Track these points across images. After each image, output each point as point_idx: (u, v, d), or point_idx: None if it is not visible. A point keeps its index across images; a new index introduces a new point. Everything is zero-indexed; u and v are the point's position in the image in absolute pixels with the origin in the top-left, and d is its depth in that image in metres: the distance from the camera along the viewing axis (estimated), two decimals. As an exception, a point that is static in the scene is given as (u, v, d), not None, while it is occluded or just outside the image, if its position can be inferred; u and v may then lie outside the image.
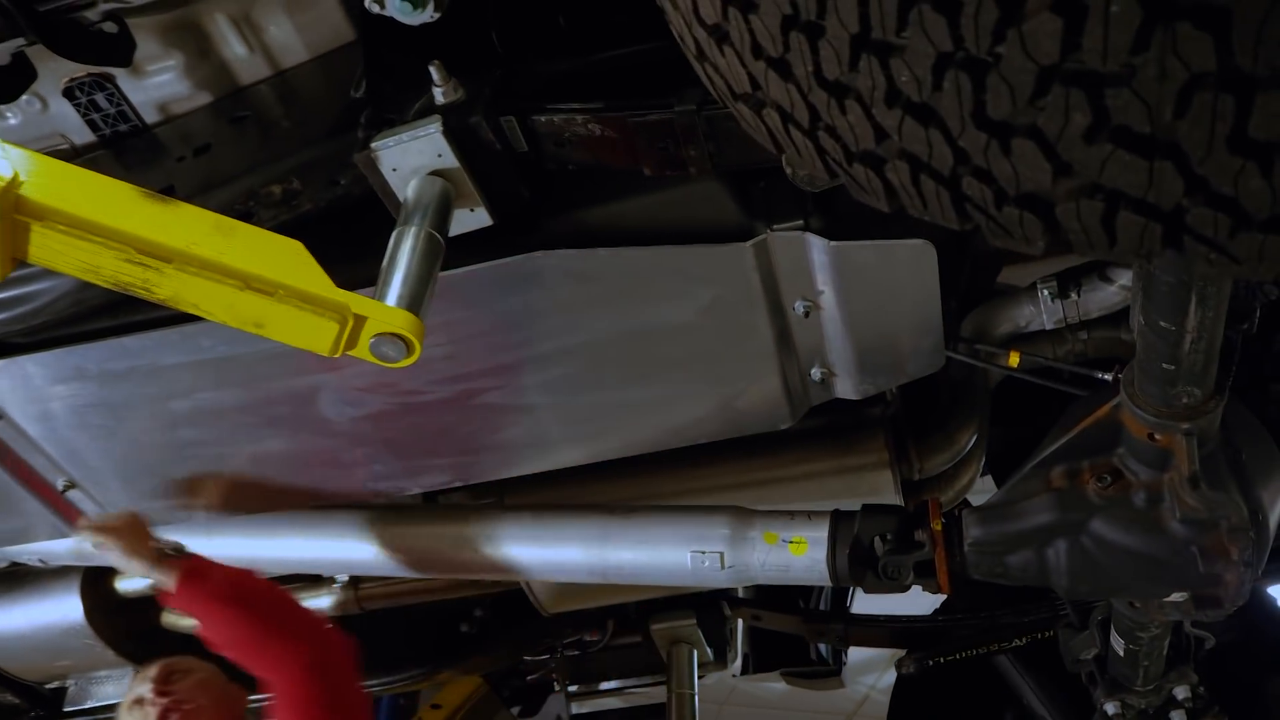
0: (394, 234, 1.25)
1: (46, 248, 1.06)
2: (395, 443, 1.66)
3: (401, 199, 1.33)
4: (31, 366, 1.59)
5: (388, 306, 1.14)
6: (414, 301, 1.16)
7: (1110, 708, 1.95)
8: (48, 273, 1.47)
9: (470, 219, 1.37)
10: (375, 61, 1.47)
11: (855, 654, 5.18)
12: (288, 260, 1.12)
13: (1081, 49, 0.60)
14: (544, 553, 1.73)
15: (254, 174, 1.45)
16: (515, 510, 1.79)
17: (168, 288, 1.08)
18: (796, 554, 1.61)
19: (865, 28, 0.67)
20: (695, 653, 2.19)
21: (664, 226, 1.45)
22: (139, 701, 1.96)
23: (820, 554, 1.60)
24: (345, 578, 2.21)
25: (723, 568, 1.64)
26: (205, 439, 1.67)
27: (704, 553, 1.64)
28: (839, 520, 1.62)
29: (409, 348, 1.14)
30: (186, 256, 1.07)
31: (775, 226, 1.42)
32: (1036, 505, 1.50)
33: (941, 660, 2.17)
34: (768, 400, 1.61)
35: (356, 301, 1.12)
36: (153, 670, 1.98)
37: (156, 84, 1.56)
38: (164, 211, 1.10)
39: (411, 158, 1.31)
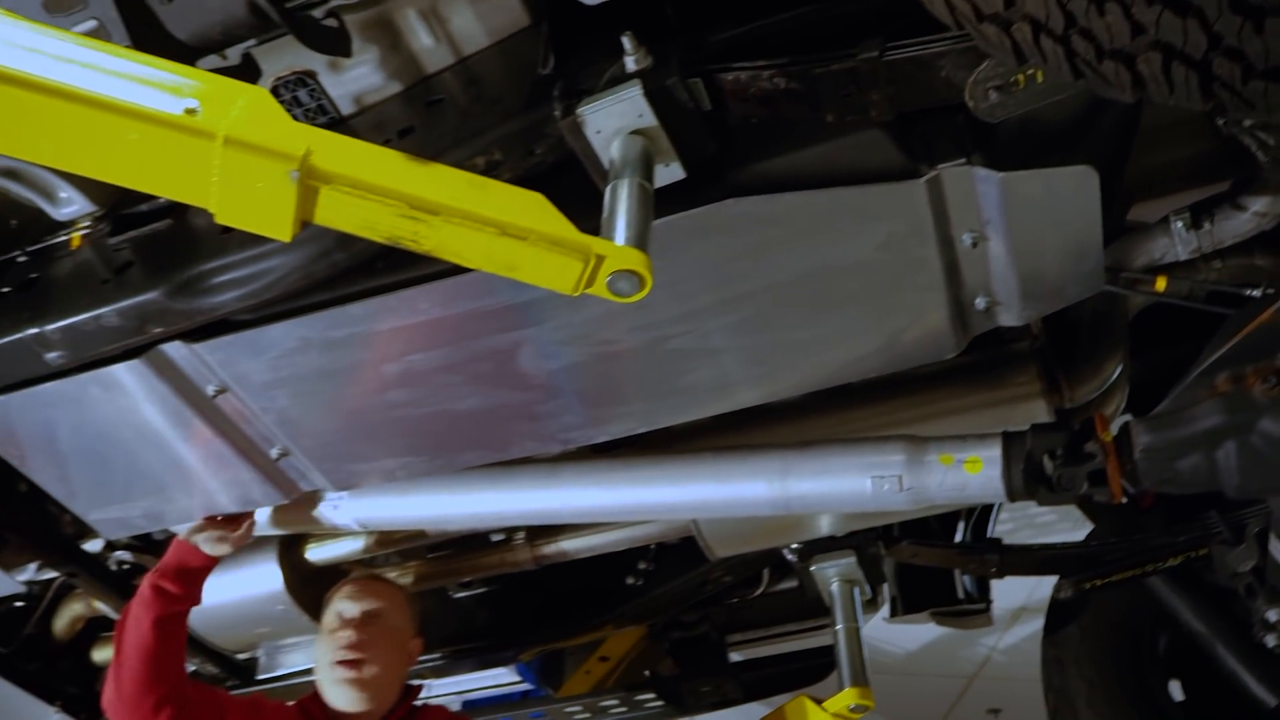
0: (608, 189, 1.38)
1: (331, 209, 1.21)
2: (587, 393, 1.80)
3: (605, 159, 1.46)
4: (257, 340, 1.75)
5: (621, 246, 1.27)
6: (641, 241, 1.29)
7: (1273, 615, 2.02)
8: (279, 250, 1.64)
9: (665, 174, 1.49)
10: (559, 40, 1.61)
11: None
12: (533, 209, 1.25)
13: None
14: (728, 489, 1.86)
15: (458, 149, 1.59)
16: (696, 452, 1.92)
17: (434, 238, 1.23)
18: (972, 472, 1.72)
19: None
20: (857, 590, 2.30)
21: (834, 172, 1.56)
22: (335, 616, 2.16)
23: (995, 471, 1.71)
24: (523, 536, 2.35)
25: (901, 490, 1.75)
26: (412, 400, 1.82)
27: (883, 477, 1.76)
28: (1010, 439, 1.73)
29: (642, 282, 1.27)
30: (450, 209, 1.21)
31: (941, 164, 1.53)
32: (1204, 410, 1.59)
33: (1098, 583, 2.25)
34: (935, 331, 1.71)
35: (596, 243, 1.26)
36: (364, 605, 2.16)
37: (353, 77, 1.72)
38: (426, 171, 1.24)
39: (614, 120, 1.44)
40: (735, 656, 2.77)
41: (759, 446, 1.87)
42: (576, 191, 1.43)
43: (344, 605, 2.20)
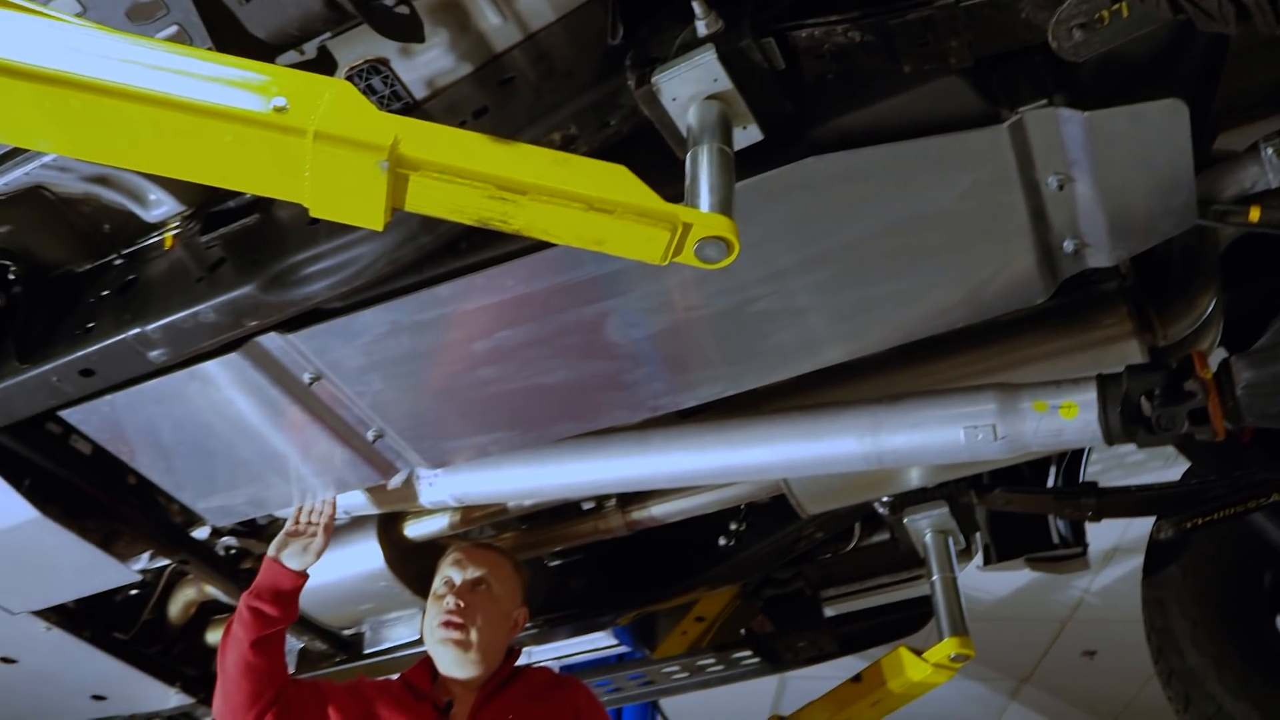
0: (689, 156, 1.38)
1: (421, 195, 1.23)
2: (674, 359, 1.81)
3: (682, 126, 1.46)
4: (349, 327, 1.79)
5: (707, 213, 1.28)
6: (726, 206, 1.29)
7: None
8: (366, 238, 1.67)
9: (743, 136, 1.49)
10: (626, 9, 1.61)
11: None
12: (617, 181, 1.26)
13: None
14: (819, 446, 1.86)
15: (534, 126, 1.60)
16: (786, 411, 1.92)
17: (522, 218, 1.24)
18: (1068, 418, 1.70)
19: None
20: (951, 539, 2.29)
21: (913, 123, 1.54)
22: (443, 583, 2.21)
23: (1091, 415, 1.69)
24: (614, 502, 2.38)
25: (995, 439, 1.74)
26: (502, 376, 1.85)
27: (976, 427, 1.75)
28: (1106, 382, 1.70)
29: (729, 247, 1.28)
30: (536, 188, 1.23)
31: (1022, 107, 1.51)
32: (1308, 343, 1.55)
33: (1199, 522, 2.21)
34: (1022, 277, 1.69)
35: (683, 212, 1.26)
36: (471, 573, 2.21)
37: (425, 61, 1.74)
38: (510, 151, 1.25)
39: (689, 86, 1.43)
40: (830, 612, 2.78)
41: (848, 403, 1.87)
42: (652, 161, 1.44)
43: (451, 571, 2.25)
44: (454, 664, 2.19)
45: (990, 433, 1.74)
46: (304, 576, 2.21)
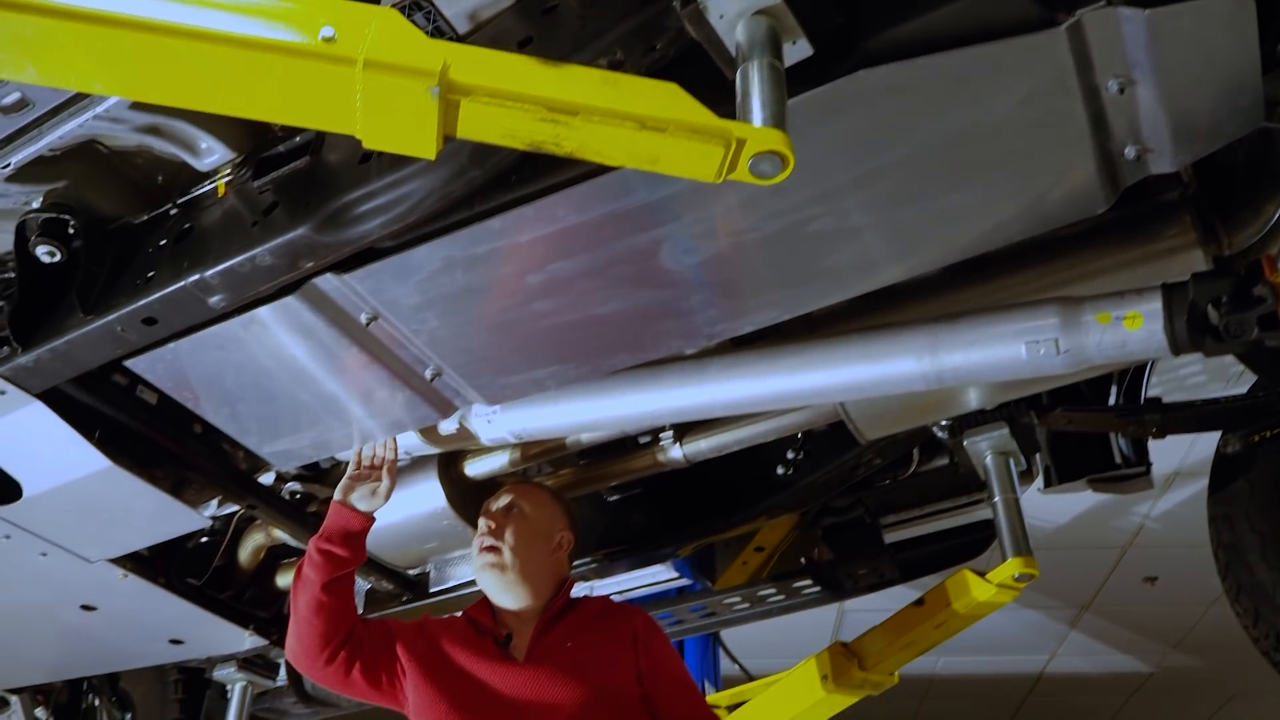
0: (739, 73, 1.36)
1: (472, 120, 1.22)
2: (729, 284, 1.80)
3: (731, 44, 1.44)
4: (403, 265, 1.79)
5: (760, 127, 1.26)
6: (779, 120, 1.27)
7: None
8: (418, 173, 1.67)
9: (792, 52, 1.46)
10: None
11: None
12: (669, 99, 1.25)
13: None
14: (877, 368, 1.85)
15: (579, 53, 1.58)
16: (843, 334, 1.91)
17: (575, 139, 1.23)
18: (1132, 328, 1.67)
19: None
20: (1012, 461, 2.27)
21: (967, 30, 1.50)
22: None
23: (1157, 325, 1.66)
24: (671, 435, 2.39)
25: (1058, 353, 1.72)
26: (557, 308, 1.85)
27: (1038, 342, 1.72)
28: (1171, 290, 1.67)
29: (784, 162, 1.26)
30: (588, 108, 1.22)
31: (1080, 9, 1.46)
32: (1383, 243, 1.51)
33: (1267, 435, 2.18)
34: (1083, 186, 1.65)
35: (736, 127, 1.25)
36: (501, 501, 2.24)
37: (467, -6, 1.72)
38: (560, 73, 1.24)
39: (736, 2, 1.41)
40: (889, 539, 2.78)
41: (906, 323, 1.85)
42: (701, 85, 1.42)
43: (489, 504, 2.31)
44: (497, 589, 2.23)
45: (1052, 347, 1.72)
46: (371, 518, 2.25)
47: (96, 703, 3.90)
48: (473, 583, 2.75)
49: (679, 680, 2.25)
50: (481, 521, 2.27)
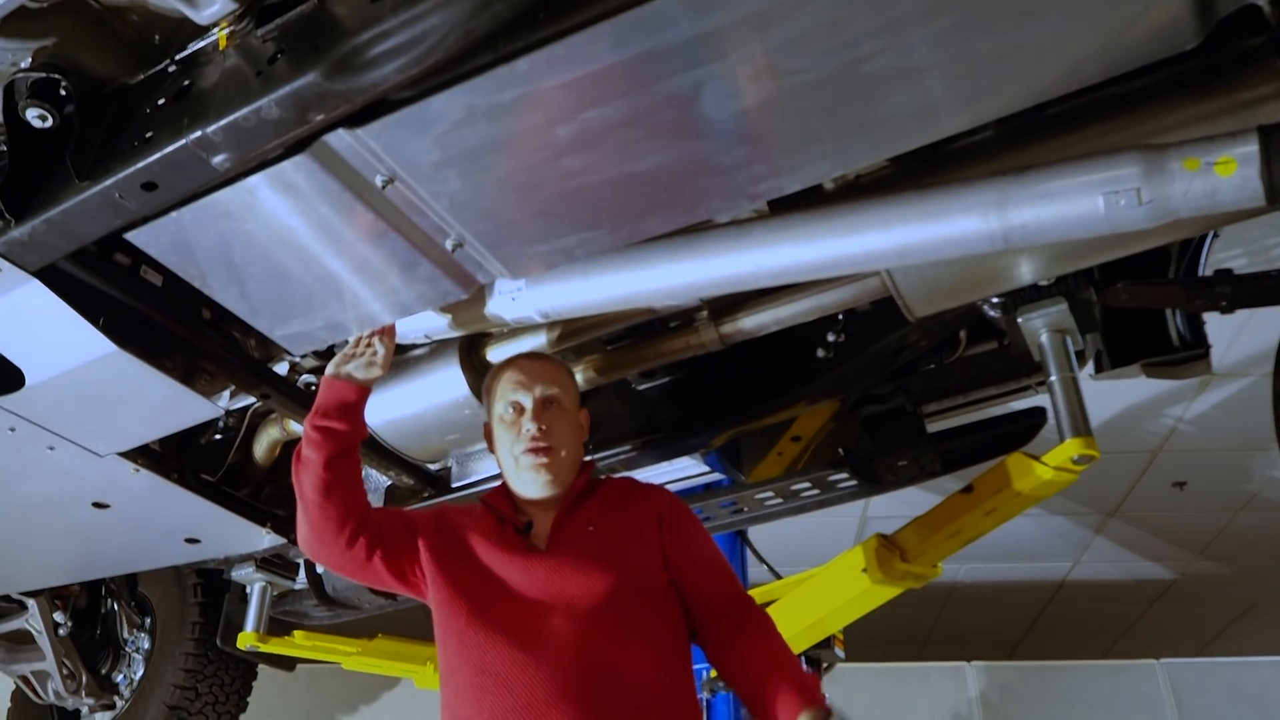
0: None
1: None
2: (776, 134, 1.64)
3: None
4: (422, 116, 1.64)
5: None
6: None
7: None
8: (436, 9, 1.52)
9: None
10: None
11: (1156, 387, 4.99)
12: None
13: None
14: (938, 228, 1.70)
15: None
16: (898, 192, 1.76)
17: None
18: (1224, 175, 1.52)
19: None
20: (1069, 339, 2.14)
21: None
22: (512, 407, 2.14)
23: (1252, 170, 1.51)
24: (706, 314, 2.26)
25: (1140, 204, 1.57)
26: (589, 165, 1.70)
27: (1118, 193, 1.58)
28: (1269, 132, 1.52)
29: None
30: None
31: None
32: None
33: (1348, 305, 2.04)
34: (1171, 16, 1.49)
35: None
36: (540, 391, 2.13)
37: None
38: None
39: None
40: (932, 427, 2.66)
41: (969, 178, 1.70)
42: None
43: (517, 395, 2.15)
44: (544, 489, 2.11)
45: (1134, 198, 1.57)
46: (367, 389, 2.13)
47: (115, 607, 3.86)
48: (496, 477, 2.65)
49: (708, 563, 2.12)
50: (526, 422, 2.12)
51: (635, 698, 1.87)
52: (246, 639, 3.17)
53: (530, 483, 2.12)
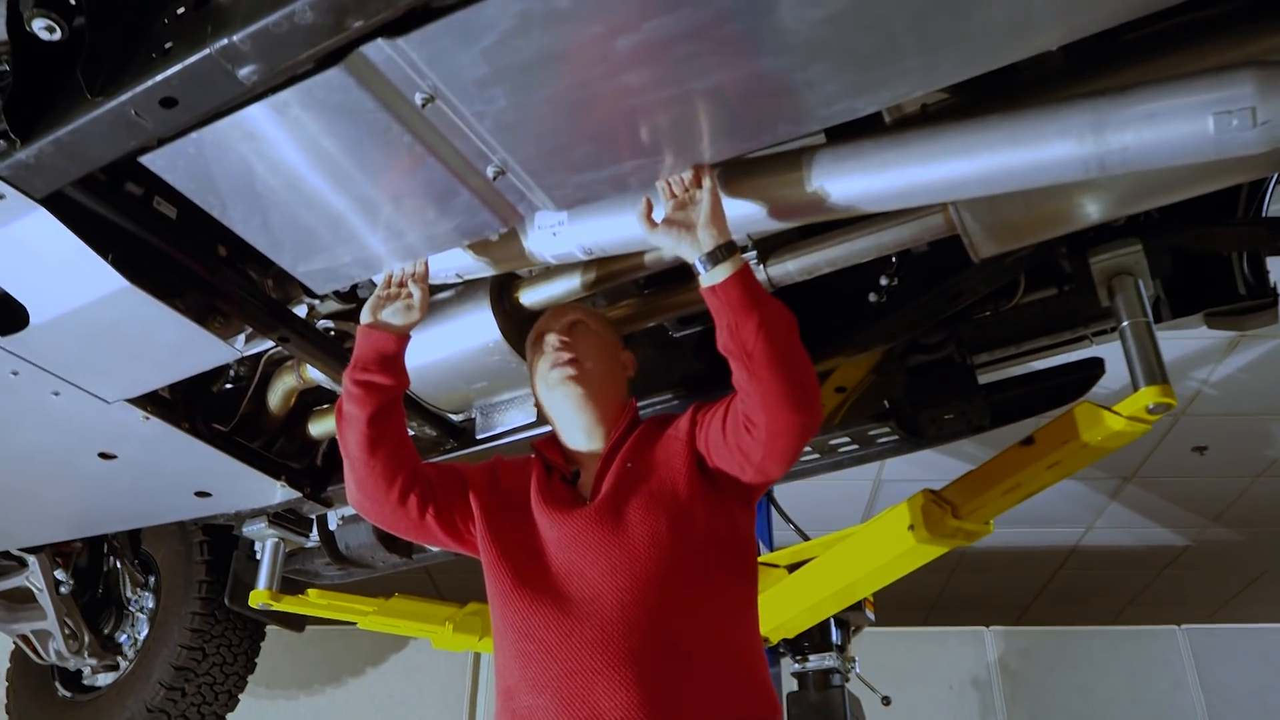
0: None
1: None
2: (854, 50, 1.51)
3: None
4: (469, 24, 1.49)
5: None
6: None
7: None
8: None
9: None
10: None
11: (1182, 348, 4.87)
12: None
13: None
14: (1027, 153, 1.57)
15: None
16: (982, 115, 1.63)
17: None
18: (1350, 94, 1.39)
19: None
20: (1141, 282, 2.01)
21: None
22: (540, 340, 2.03)
23: (1382, 90, 1.38)
24: (755, 255, 2.13)
25: (1254, 125, 1.44)
26: (648, 83, 1.57)
27: (1230, 113, 1.45)
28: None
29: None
30: None
31: None
32: None
33: None
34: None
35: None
36: (565, 318, 2.02)
37: None
38: None
39: None
40: (984, 379, 2.54)
41: (1062, 99, 1.57)
42: None
43: (545, 327, 2.10)
44: (578, 404, 2.01)
45: (1247, 118, 1.44)
46: (406, 336, 2.01)
47: (118, 565, 3.75)
48: (523, 429, 2.53)
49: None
50: (550, 338, 2.04)
51: (690, 661, 1.75)
52: (259, 596, 3.05)
53: (562, 401, 2.02)
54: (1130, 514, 6.36)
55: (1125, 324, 1.99)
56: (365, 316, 2.00)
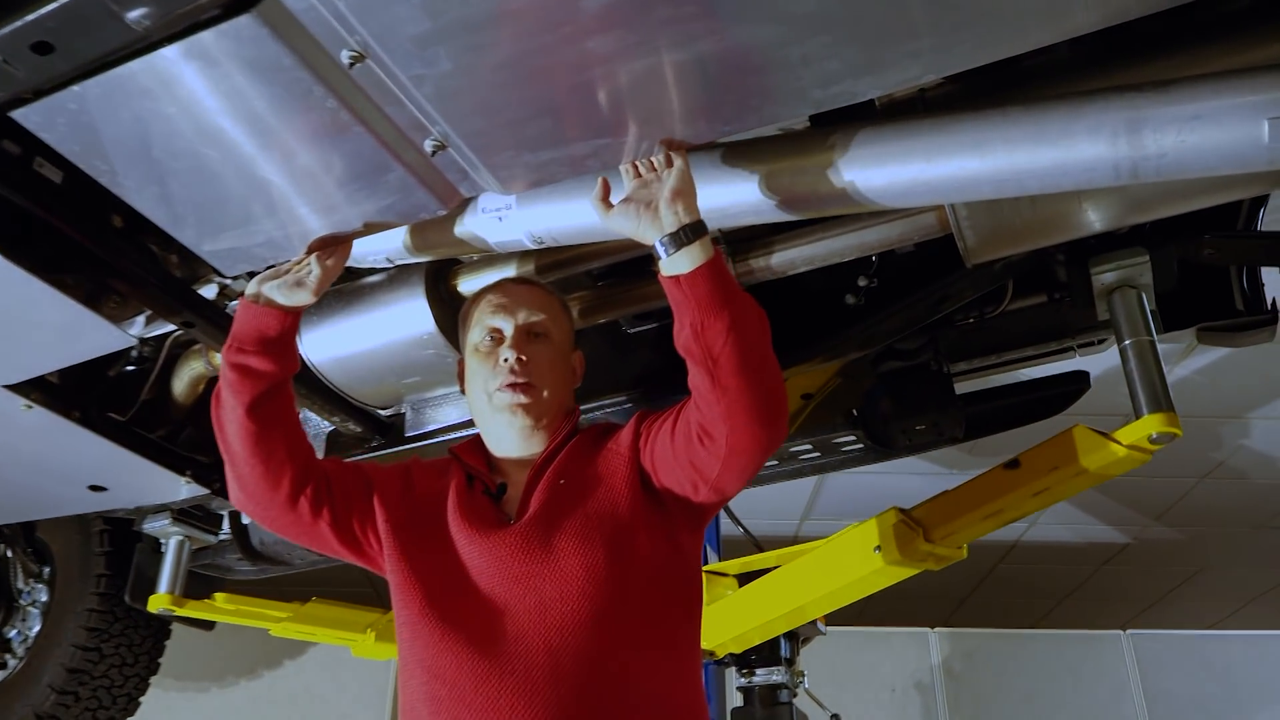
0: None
1: None
2: (861, 24, 1.29)
3: None
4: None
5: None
6: None
7: None
8: None
9: None
10: None
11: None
12: None
13: None
14: (1051, 152, 1.37)
15: None
16: (1001, 107, 1.42)
17: None
18: None
19: None
20: (1145, 296, 1.84)
21: None
22: (489, 333, 1.78)
23: None
24: (724, 248, 1.91)
25: (1317, 132, 1.25)
26: (618, 50, 1.33)
27: (1290, 117, 1.26)
28: None
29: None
30: None
31: None
32: None
33: None
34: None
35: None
36: (524, 318, 1.79)
37: None
38: None
39: None
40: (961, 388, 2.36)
41: (1094, 93, 1.37)
42: None
43: (497, 320, 1.80)
44: (520, 435, 1.76)
45: (1309, 125, 1.25)
46: (294, 316, 1.73)
47: (9, 554, 3.43)
48: (457, 427, 2.30)
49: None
50: (505, 351, 1.76)
51: (617, 712, 1.53)
52: (159, 601, 2.77)
53: (504, 426, 1.76)
54: (1074, 511, 6.28)
55: (1127, 342, 1.81)
56: (250, 287, 1.74)
